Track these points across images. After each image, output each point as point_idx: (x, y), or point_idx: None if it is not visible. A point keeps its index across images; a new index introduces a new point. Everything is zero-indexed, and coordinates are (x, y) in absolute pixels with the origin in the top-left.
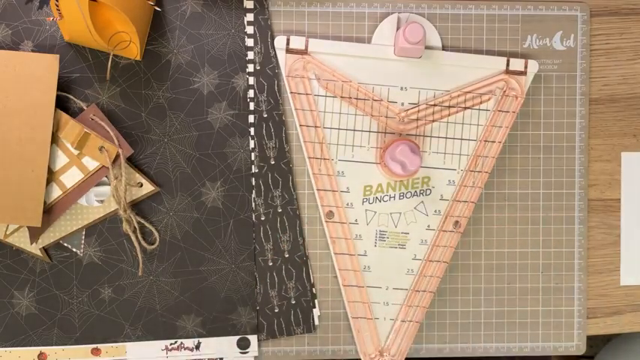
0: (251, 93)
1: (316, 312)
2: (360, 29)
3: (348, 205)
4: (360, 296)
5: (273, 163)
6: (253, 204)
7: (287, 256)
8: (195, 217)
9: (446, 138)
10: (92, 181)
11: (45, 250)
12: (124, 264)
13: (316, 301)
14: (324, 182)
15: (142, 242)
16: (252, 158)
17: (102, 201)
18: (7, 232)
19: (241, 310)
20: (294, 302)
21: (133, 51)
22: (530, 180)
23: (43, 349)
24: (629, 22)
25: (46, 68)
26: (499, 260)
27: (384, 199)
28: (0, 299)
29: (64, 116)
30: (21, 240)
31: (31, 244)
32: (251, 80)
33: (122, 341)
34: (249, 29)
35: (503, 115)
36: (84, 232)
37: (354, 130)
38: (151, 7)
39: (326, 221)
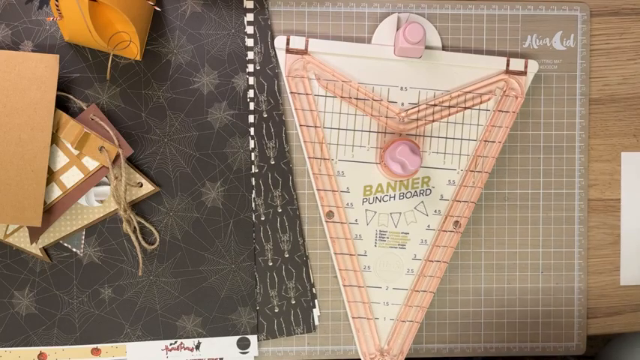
0: (251, 93)
1: (316, 312)
2: (360, 29)
3: (348, 205)
4: (360, 296)
5: (273, 163)
6: (253, 204)
7: (287, 256)
8: (195, 217)
9: (446, 138)
10: (92, 181)
11: (45, 250)
12: (124, 264)
13: (316, 301)
14: (324, 182)
15: (142, 242)
16: (252, 158)
17: (102, 201)
18: (7, 232)
19: (241, 310)
20: (294, 302)
21: (133, 51)
22: (530, 180)
23: (43, 349)
24: (629, 22)
25: (46, 68)
26: (499, 260)
27: (384, 199)
28: (0, 299)
29: (64, 116)
30: (21, 240)
31: (31, 244)
32: (251, 80)
33: (122, 341)
34: (249, 29)
35: (503, 115)
36: (84, 232)
37: (354, 130)
38: (151, 7)
39: (326, 221)
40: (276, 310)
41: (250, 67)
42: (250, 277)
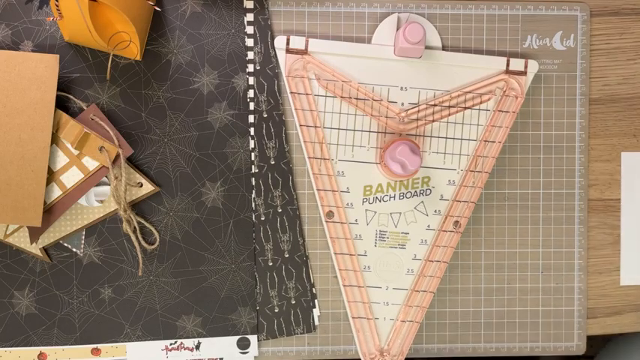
0: (251, 93)
1: (316, 312)
2: (360, 29)
3: (348, 205)
4: (360, 296)
5: (273, 163)
6: (253, 204)
7: (287, 256)
8: (195, 217)
9: (446, 138)
10: (92, 181)
11: (45, 250)
12: (124, 264)
13: (316, 301)
14: (324, 182)
15: (142, 242)
16: (252, 158)
17: (102, 201)
18: (7, 232)
19: (241, 310)
20: (294, 302)
21: (133, 51)
22: (530, 180)
23: (43, 349)
24: (629, 22)
25: (46, 68)
26: (499, 260)
27: (384, 199)
28: (0, 299)
29: (64, 116)
30: (21, 240)
31: (31, 244)
32: (251, 80)
33: (122, 341)
34: (249, 29)
35: (503, 115)
36: (84, 232)
37: (354, 130)
38: (151, 7)
39: (326, 221)
40: (276, 310)
41: (250, 67)
42: (250, 277)
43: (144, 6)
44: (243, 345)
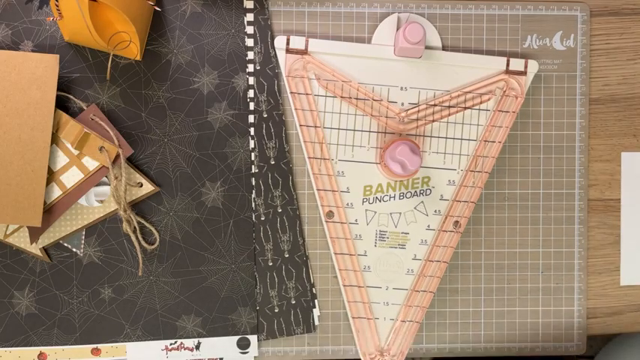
0: (251, 93)
1: (316, 312)
2: (360, 29)
3: (348, 205)
4: (360, 296)
5: (273, 163)
6: (253, 204)
7: (287, 256)
8: (195, 217)
9: (446, 138)
10: (92, 181)
11: (45, 250)
12: (124, 264)
13: (316, 301)
14: (324, 182)
15: (142, 242)
16: (252, 158)
17: (102, 201)
18: (7, 232)
19: (241, 310)
20: (294, 302)
21: (133, 51)
22: (530, 180)
23: (43, 349)
24: (629, 22)
25: (46, 68)
26: (499, 260)
27: (384, 199)
28: (0, 299)
29: (64, 116)
30: (21, 240)
31: (31, 244)
32: (251, 80)
33: (122, 341)
34: (249, 29)
35: (503, 115)
36: (84, 232)
37: (354, 130)
38: (151, 7)
39: (326, 221)
40: (276, 310)
41: (250, 67)
42: (250, 277)
43: (144, 6)
44: (243, 345)
